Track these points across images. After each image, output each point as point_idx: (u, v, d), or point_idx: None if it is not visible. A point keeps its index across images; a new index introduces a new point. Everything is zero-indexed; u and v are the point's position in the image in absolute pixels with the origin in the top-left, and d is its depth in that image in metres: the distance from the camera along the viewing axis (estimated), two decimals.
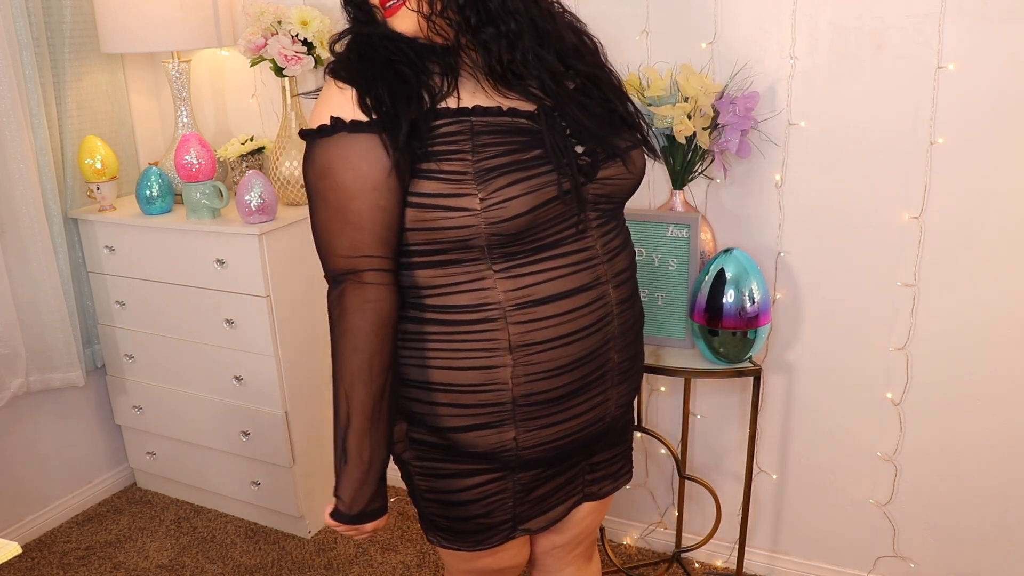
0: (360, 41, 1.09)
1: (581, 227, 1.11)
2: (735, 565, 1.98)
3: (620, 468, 1.38)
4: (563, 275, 1.10)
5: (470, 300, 1.08)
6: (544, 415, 1.15)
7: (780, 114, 1.75)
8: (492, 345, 1.09)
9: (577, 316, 1.11)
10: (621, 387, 1.23)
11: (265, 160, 2.30)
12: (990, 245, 1.65)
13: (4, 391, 2.19)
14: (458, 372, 1.11)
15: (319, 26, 2.03)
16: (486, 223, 1.02)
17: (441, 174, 1.03)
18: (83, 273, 2.35)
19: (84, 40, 2.27)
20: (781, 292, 1.87)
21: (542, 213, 1.06)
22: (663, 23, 1.80)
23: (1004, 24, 1.53)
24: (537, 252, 1.09)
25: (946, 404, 1.79)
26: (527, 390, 1.12)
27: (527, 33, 1.06)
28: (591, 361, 1.15)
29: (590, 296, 1.12)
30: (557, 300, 1.10)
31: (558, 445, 1.19)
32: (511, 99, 1.09)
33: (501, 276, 1.08)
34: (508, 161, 1.04)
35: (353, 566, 2.21)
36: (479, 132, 1.04)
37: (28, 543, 2.34)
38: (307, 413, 2.26)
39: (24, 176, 2.11)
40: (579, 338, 1.12)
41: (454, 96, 1.06)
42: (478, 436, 1.15)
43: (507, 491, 1.22)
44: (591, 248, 1.13)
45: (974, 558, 1.87)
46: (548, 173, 1.06)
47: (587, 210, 1.12)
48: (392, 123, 1.01)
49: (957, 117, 1.61)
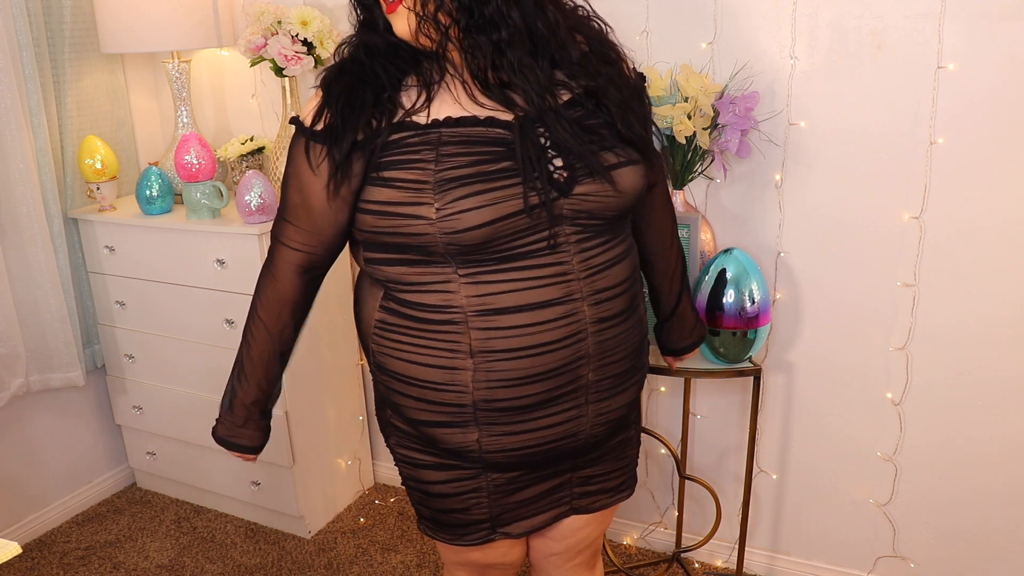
0: (354, 50, 1.12)
1: (551, 242, 1.08)
2: (735, 565, 1.98)
3: (620, 484, 1.35)
4: (529, 287, 1.08)
5: (436, 300, 1.10)
6: (507, 422, 1.15)
7: (780, 114, 1.75)
8: (454, 347, 1.11)
9: (543, 329, 1.09)
10: (601, 405, 1.19)
11: (265, 160, 2.30)
12: (990, 245, 1.65)
13: (4, 391, 2.19)
14: (425, 368, 1.14)
15: (319, 26, 2.03)
16: (441, 232, 1.04)
17: (401, 183, 1.05)
18: (83, 273, 2.35)
19: (84, 40, 2.27)
20: (781, 292, 1.87)
21: (504, 226, 1.04)
22: (663, 23, 1.80)
23: (1004, 24, 1.53)
24: (503, 262, 1.07)
25: (946, 404, 1.79)
26: (488, 395, 1.12)
27: (518, 42, 1.04)
28: (558, 376, 1.12)
29: (558, 311, 1.09)
30: (520, 311, 1.08)
31: (525, 454, 1.18)
32: (491, 108, 1.07)
33: (465, 281, 1.08)
34: (471, 172, 1.04)
35: (353, 566, 2.21)
36: (446, 142, 1.05)
37: (28, 543, 2.34)
38: (307, 413, 2.26)
39: (24, 176, 2.11)
40: (544, 351, 1.10)
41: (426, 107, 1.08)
42: (445, 433, 1.18)
43: (481, 490, 1.24)
44: (565, 264, 1.09)
45: (974, 558, 1.87)
46: (515, 186, 1.04)
47: (559, 225, 1.08)
48: (337, 138, 1.07)
49: (957, 117, 1.61)
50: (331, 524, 2.40)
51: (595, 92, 1.10)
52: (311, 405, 2.27)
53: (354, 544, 2.30)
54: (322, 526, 2.38)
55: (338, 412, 2.38)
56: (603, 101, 1.11)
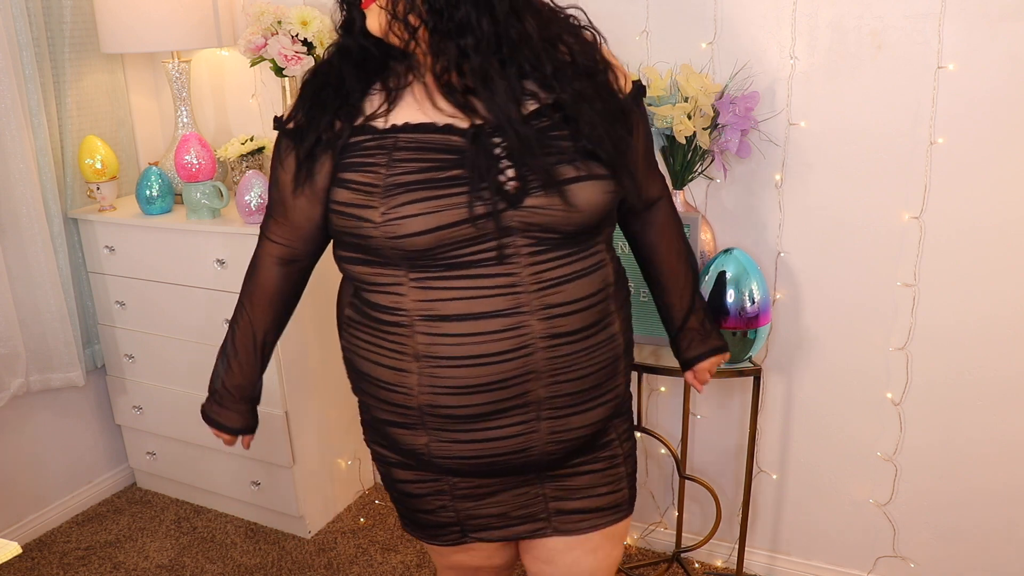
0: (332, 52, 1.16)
1: (498, 253, 1.05)
2: (735, 565, 1.98)
3: (608, 504, 1.27)
4: (475, 296, 1.07)
5: (387, 302, 1.12)
6: (454, 429, 1.14)
7: (780, 114, 1.75)
8: (401, 349, 1.12)
9: (487, 340, 1.07)
10: (556, 423, 1.15)
11: (265, 160, 2.30)
12: (990, 245, 1.65)
13: (4, 391, 2.19)
14: (378, 367, 1.16)
15: (319, 26, 2.03)
16: (384, 236, 1.05)
17: (356, 185, 1.08)
18: (83, 273, 2.35)
19: (84, 40, 2.27)
20: (781, 292, 1.87)
21: (447, 234, 1.04)
22: (663, 23, 1.80)
23: (1004, 24, 1.53)
24: (450, 269, 1.07)
25: (946, 404, 1.79)
26: (432, 401, 1.12)
27: (484, 49, 1.02)
28: (504, 388, 1.10)
29: (504, 323, 1.07)
30: (465, 320, 1.07)
31: (476, 464, 1.17)
32: (452, 114, 1.06)
33: (414, 285, 1.09)
34: (420, 179, 1.04)
35: (353, 566, 2.21)
36: (400, 148, 1.06)
37: (28, 543, 2.34)
38: (307, 413, 2.26)
39: (24, 176, 2.11)
40: (488, 362, 1.08)
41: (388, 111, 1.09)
42: (398, 433, 1.20)
43: (445, 493, 1.24)
44: (514, 275, 1.07)
45: (974, 558, 1.87)
46: (462, 194, 1.03)
47: (509, 236, 1.05)
48: (301, 137, 1.11)
49: (957, 117, 1.61)
50: (331, 524, 2.40)
51: (562, 104, 1.07)
52: (311, 405, 2.27)
53: (354, 544, 2.30)
54: (322, 526, 2.38)
55: (338, 412, 2.38)
56: (570, 114, 1.07)
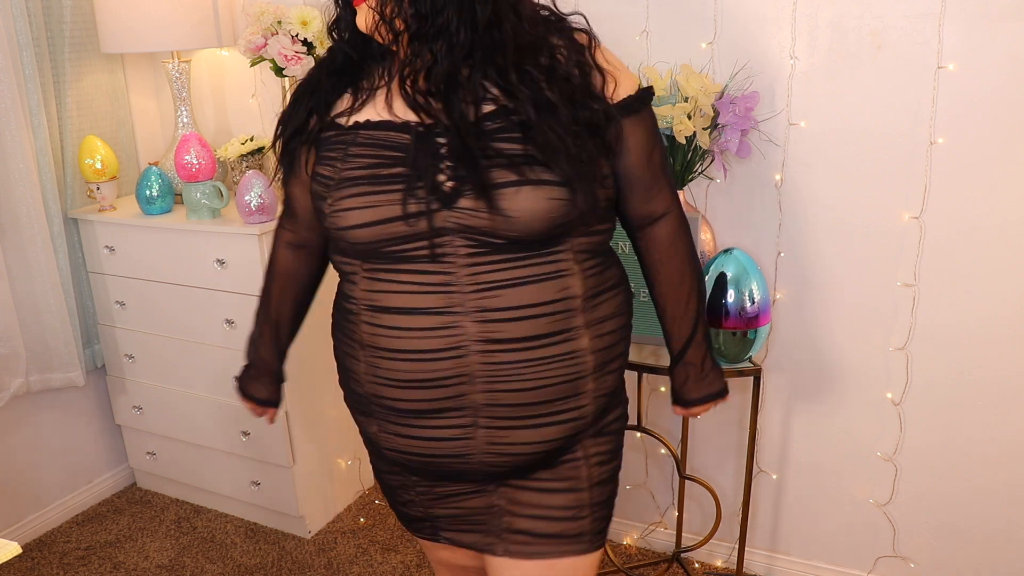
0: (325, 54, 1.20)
1: (430, 252, 1.06)
2: (735, 565, 1.98)
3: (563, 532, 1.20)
4: (411, 292, 1.08)
5: (345, 290, 1.18)
6: (396, 422, 1.16)
7: (780, 114, 1.75)
8: (352, 337, 1.17)
9: (421, 336, 1.09)
10: (496, 433, 1.12)
11: (265, 160, 2.30)
12: (990, 245, 1.65)
13: (4, 391, 2.19)
14: (341, 354, 1.22)
15: (319, 26, 2.03)
16: (332, 228, 1.11)
17: (320, 178, 1.13)
18: (83, 273, 2.35)
19: (84, 40, 2.27)
20: (781, 292, 1.87)
21: (384, 229, 1.06)
22: (663, 23, 1.80)
23: (1004, 24, 1.53)
24: (394, 263, 1.09)
25: (946, 404, 1.79)
26: (376, 391, 1.15)
27: (456, 56, 1.03)
28: (439, 387, 1.10)
29: (437, 321, 1.08)
30: (402, 314, 1.09)
31: (420, 461, 1.18)
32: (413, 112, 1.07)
33: (365, 276, 1.13)
34: (365, 174, 1.07)
35: (353, 566, 2.21)
36: (358, 143, 1.10)
37: (28, 543, 2.35)
38: (307, 413, 2.26)
39: (24, 176, 2.11)
40: (423, 359, 1.09)
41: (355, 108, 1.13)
42: (359, 420, 1.25)
43: (410, 487, 1.27)
44: (450, 275, 1.07)
45: (974, 558, 1.87)
46: (400, 192, 1.05)
47: (445, 236, 1.05)
48: (283, 130, 1.18)
49: (957, 117, 1.61)
50: (331, 524, 2.40)
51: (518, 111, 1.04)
52: (311, 405, 2.27)
53: (354, 544, 2.30)
54: (322, 526, 2.38)
55: (338, 412, 2.38)
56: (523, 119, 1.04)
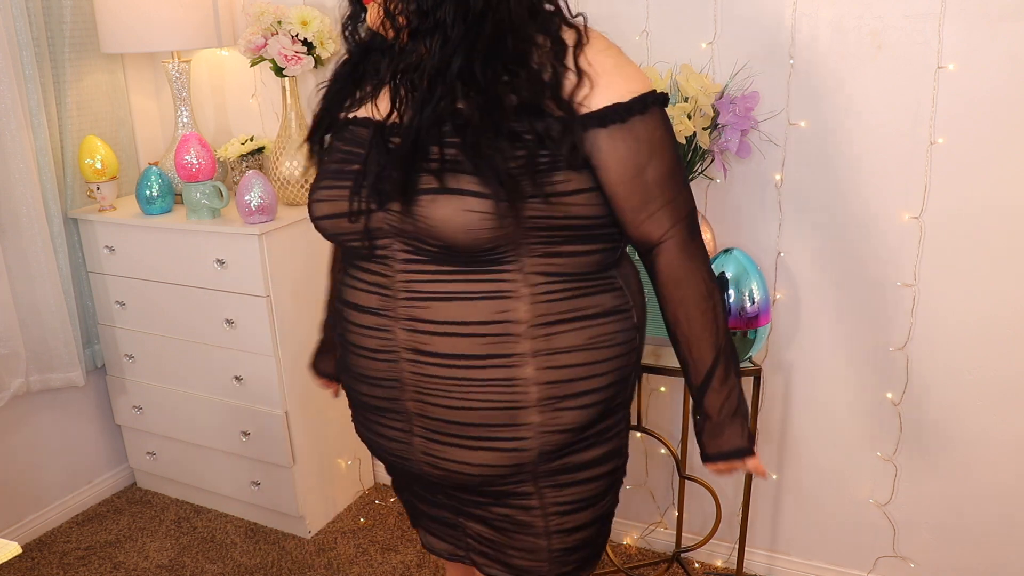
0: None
1: (368, 253, 1.08)
2: (735, 565, 1.98)
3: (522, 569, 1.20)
4: (361, 289, 1.11)
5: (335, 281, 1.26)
6: (363, 416, 1.20)
7: (780, 114, 1.75)
8: (337, 328, 1.20)
9: (364, 333, 1.12)
10: (430, 445, 1.12)
11: (265, 160, 2.30)
12: (990, 245, 1.65)
13: (4, 391, 2.19)
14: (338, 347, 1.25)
15: (319, 26, 2.03)
16: (310, 216, 1.14)
17: (320, 169, 1.17)
18: (83, 273, 2.35)
19: (84, 40, 2.27)
20: (781, 292, 1.87)
21: (338, 224, 1.09)
22: (663, 23, 1.80)
23: (1004, 24, 1.53)
24: (355, 257, 1.12)
25: (946, 404, 1.79)
26: (347, 383, 1.20)
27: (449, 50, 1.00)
28: (379, 387, 1.13)
29: (375, 321, 1.10)
30: (354, 309, 1.13)
31: (384, 456, 1.21)
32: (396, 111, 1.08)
33: (343, 266, 1.18)
34: (333, 169, 1.11)
35: (353, 566, 2.21)
36: (342, 139, 1.13)
37: (28, 543, 2.34)
38: (307, 413, 2.26)
39: (24, 176, 2.11)
40: (366, 356, 1.12)
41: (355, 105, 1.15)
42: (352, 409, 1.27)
43: (399, 485, 1.32)
44: (387, 278, 1.07)
45: (974, 558, 1.87)
46: (348, 188, 1.07)
47: (383, 238, 1.05)
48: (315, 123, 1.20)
49: (957, 117, 1.61)
50: (331, 524, 2.40)
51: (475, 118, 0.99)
52: (311, 405, 2.27)
53: (354, 544, 2.30)
54: (322, 526, 2.38)
55: (338, 412, 2.38)
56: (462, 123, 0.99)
